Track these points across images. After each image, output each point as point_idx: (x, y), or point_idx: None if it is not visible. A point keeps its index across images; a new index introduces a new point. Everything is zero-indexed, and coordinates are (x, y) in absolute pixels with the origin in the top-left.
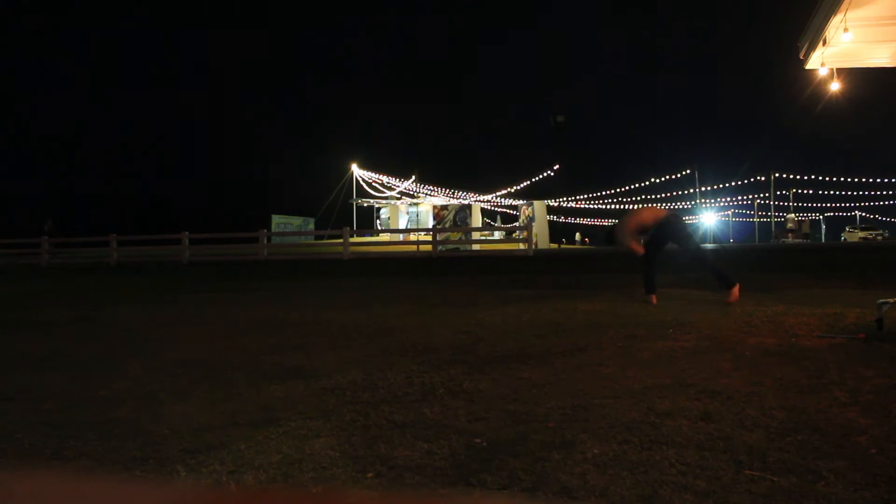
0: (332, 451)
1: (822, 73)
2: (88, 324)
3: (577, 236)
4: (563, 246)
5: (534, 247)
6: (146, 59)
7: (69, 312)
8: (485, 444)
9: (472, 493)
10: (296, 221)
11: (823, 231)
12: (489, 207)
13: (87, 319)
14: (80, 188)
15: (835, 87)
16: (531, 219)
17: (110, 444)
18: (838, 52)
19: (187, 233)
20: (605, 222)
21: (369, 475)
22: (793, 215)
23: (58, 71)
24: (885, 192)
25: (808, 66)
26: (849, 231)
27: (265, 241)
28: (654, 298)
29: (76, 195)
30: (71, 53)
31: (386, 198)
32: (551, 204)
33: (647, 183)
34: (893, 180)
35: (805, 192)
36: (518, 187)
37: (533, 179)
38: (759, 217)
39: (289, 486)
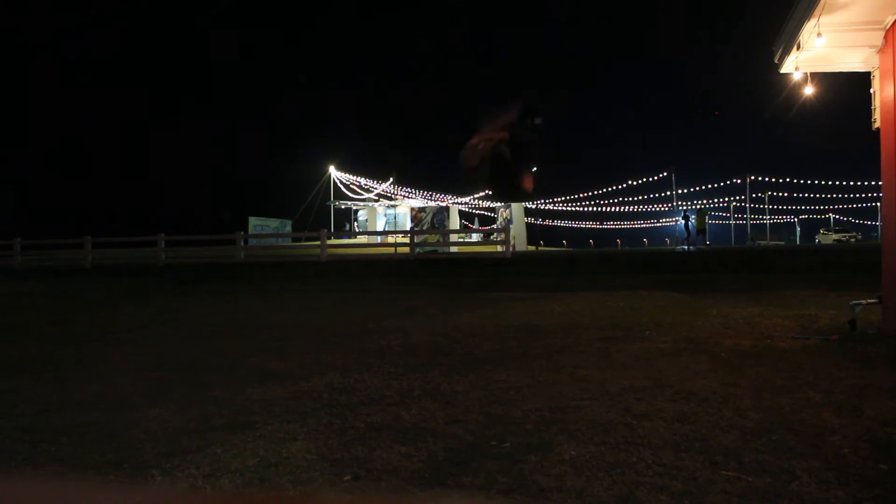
0: (309, 454)
1: (797, 76)
2: (62, 326)
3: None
4: (541, 248)
5: (511, 249)
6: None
7: (42, 315)
8: (462, 446)
9: (449, 496)
10: (273, 223)
11: (798, 233)
12: (467, 209)
13: (61, 322)
14: (53, 189)
15: (809, 90)
16: (509, 221)
17: (84, 449)
18: (812, 56)
19: (163, 235)
20: (583, 225)
21: (346, 478)
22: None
23: (29, 68)
24: (857, 195)
25: (782, 70)
26: (823, 233)
27: (242, 244)
28: None
29: (48, 196)
30: (44, 51)
31: (363, 200)
32: (529, 206)
33: (625, 185)
34: (866, 183)
35: (780, 194)
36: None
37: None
38: (736, 219)
39: (265, 490)
